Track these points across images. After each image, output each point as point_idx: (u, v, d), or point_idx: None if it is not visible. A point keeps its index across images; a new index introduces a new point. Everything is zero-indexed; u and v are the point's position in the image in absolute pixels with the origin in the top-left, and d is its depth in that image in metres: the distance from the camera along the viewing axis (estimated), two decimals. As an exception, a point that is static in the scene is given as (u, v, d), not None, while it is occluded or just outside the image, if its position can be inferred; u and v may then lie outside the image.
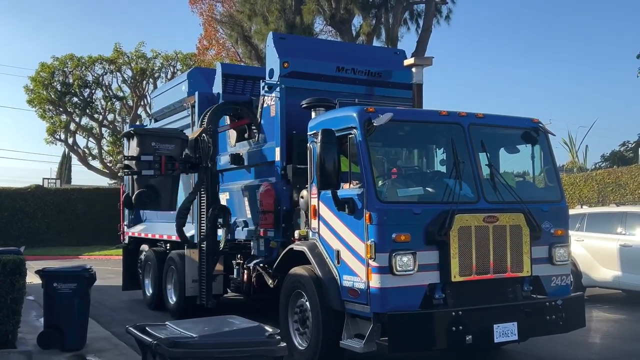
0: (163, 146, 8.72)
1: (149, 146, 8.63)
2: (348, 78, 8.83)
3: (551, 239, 7.07)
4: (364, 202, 6.38)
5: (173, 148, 8.78)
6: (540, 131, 7.47)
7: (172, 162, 8.68)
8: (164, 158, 8.61)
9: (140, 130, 8.99)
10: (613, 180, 20.23)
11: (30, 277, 8.46)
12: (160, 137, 8.80)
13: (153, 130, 9.14)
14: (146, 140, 8.67)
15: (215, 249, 9.26)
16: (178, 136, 9.01)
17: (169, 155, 8.71)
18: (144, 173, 8.58)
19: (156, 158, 8.57)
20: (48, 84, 32.27)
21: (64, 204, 29.80)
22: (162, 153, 8.64)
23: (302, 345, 7.19)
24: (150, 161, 8.54)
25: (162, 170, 8.53)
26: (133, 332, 4.47)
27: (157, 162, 8.53)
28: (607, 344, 8.89)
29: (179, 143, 8.90)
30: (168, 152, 8.69)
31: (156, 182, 8.60)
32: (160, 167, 8.51)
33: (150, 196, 8.50)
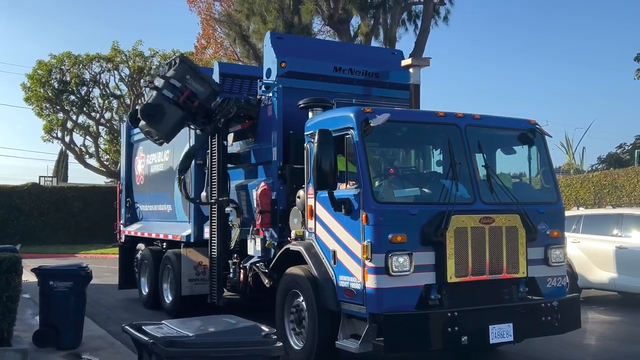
0: (195, 84, 8.92)
1: (184, 76, 8.87)
2: (345, 78, 8.83)
3: (547, 240, 7.08)
4: (360, 202, 6.38)
5: (202, 91, 8.97)
6: (537, 132, 7.48)
7: (194, 99, 8.87)
8: (189, 91, 8.83)
9: (185, 59, 9.21)
10: (609, 182, 20.27)
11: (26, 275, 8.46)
12: (197, 76, 9.00)
13: (195, 65, 9.35)
14: (184, 69, 8.93)
15: (226, 247, 9.24)
16: (212, 85, 9.19)
17: (194, 93, 8.91)
18: (164, 92, 8.82)
19: (182, 87, 8.82)
20: (45, 82, 32.18)
21: (61, 202, 29.75)
22: (190, 87, 8.88)
23: (298, 345, 7.20)
24: (176, 87, 8.80)
25: (181, 98, 8.76)
26: (129, 331, 4.47)
27: (181, 91, 8.78)
28: (603, 345, 8.91)
29: (209, 91, 9.06)
30: (196, 91, 8.90)
31: (169, 108, 8.80)
32: (181, 96, 8.76)
33: (157, 114, 8.71)
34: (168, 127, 9.16)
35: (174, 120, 9.09)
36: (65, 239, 28.99)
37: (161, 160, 12.10)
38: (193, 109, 9.05)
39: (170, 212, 11.66)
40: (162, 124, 9.07)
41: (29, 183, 30.81)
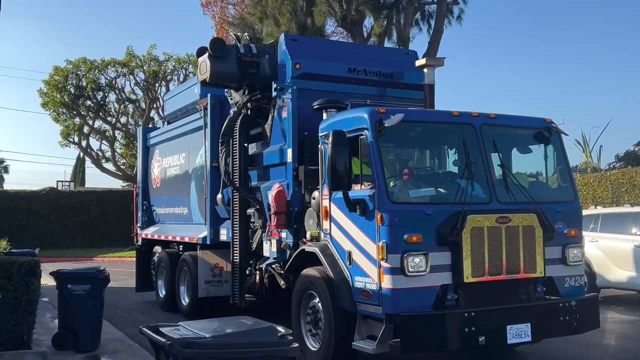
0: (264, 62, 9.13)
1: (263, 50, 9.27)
2: (360, 79, 8.82)
3: (564, 239, 7.02)
4: (375, 203, 6.37)
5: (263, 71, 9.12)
6: (553, 131, 7.42)
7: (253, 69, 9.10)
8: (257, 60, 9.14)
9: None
10: (627, 180, 20.08)
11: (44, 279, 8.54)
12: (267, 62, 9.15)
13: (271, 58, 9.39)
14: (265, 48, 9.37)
15: (248, 248, 9.27)
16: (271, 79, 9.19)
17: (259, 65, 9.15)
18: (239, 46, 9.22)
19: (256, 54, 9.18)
20: (62, 88, 32.49)
21: (78, 206, 30.03)
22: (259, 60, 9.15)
23: (314, 347, 7.20)
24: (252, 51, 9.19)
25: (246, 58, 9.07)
26: (146, 332, 4.49)
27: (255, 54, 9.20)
28: (622, 345, 8.82)
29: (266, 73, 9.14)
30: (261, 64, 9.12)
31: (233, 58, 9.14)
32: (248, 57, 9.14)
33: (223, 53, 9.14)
34: (225, 68, 9.26)
35: (233, 68, 9.20)
36: (83, 243, 29.27)
37: (177, 163, 12.18)
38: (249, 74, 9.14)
39: (186, 215, 11.73)
40: (224, 64, 9.20)
41: (47, 188, 31.13)
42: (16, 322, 7.52)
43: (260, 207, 9.04)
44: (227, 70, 9.21)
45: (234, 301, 9.36)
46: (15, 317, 7.50)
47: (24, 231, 27.76)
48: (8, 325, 7.46)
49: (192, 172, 11.45)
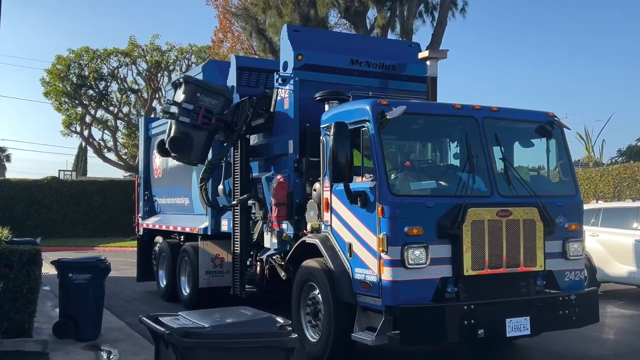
0: (207, 99, 8.83)
1: (194, 96, 8.78)
2: (362, 71, 8.80)
3: (565, 233, 7.02)
4: (376, 195, 6.37)
5: (216, 103, 8.90)
6: (555, 125, 7.40)
7: (210, 116, 8.80)
8: (203, 109, 8.74)
9: (190, 79, 9.10)
10: (629, 175, 20.06)
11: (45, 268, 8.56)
12: (206, 90, 8.91)
13: (201, 81, 9.25)
14: (192, 89, 8.83)
15: (249, 240, 9.29)
16: (224, 94, 9.13)
17: (209, 109, 8.83)
18: (180, 119, 8.74)
19: (196, 108, 8.71)
20: (64, 77, 32.51)
21: (80, 195, 30.07)
22: (203, 104, 8.79)
23: (313, 338, 7.22)
24: (190, 110, 8.70)
25: (198, 121, 8.66)
26: (146, 322, 4.50)
27: (196, 112, 8.68)
28: (621, 339, 8.83)
29: (222, 101, 9.01)
30: (210, 105, 8.82)
31: (193, 133, 8.73)
32: (197, 117, 8.65)
33: (184, 143, 8.65)
34: (199, 151, 9.17)
35: (201, 143, 9.08)
36: (84, 232, 29.34)
37: (178, 153, 12.17)
38: (212, 126, 9.04)
39: (187, 205, 11.74)
40: (193, 151, 9.07)
41: (49, 177, 31.16)
42: (17, 310, 7.56)
43: (262, 198, 9.05)
44: (199, 146, 9.11)
45: (235, 292, 9.39)
46: (16, 305, 7.55)
47: (26, 220, 27.82)
48: (9, 313, 7.50)
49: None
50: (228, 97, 9.24)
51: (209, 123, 8.87)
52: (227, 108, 9.18)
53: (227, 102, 9.17)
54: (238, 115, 9.07)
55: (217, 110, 8.95)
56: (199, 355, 4.01)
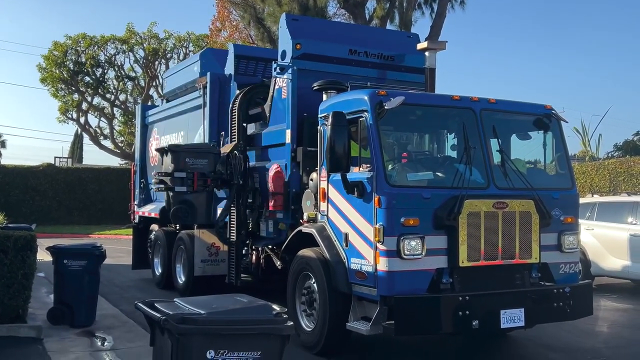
0: (196, 162, 8.78)
1: (183, 162, 8.73)
2: (360, 61, 8.79)
3: (561, 226, 7.04)
4: (373, 185, 6.37)
5: (206, 163, 8.85)
6: (552, 118, 7.40)
7: (205, 178, 8.78)
8: (197, 175, 8.70)
9: (175, 147, 9.01)
10: (625, 169, 20.11)
11: (40, 255, 8.56)
12: (194, 153, 8.86)
13: (186, 146, 9.22)
14: (180, 156, 8.77)
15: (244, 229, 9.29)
16: (211, 151, 9.07)
17: (202, 172, 8.79)
18: (176, 189, 8.70)
19: (189, 175, 8.67)
20: (61, 63, 32.37)
21: (75, 183, 30.00)
22: (195, 169, 8.72)
23: (309, 327, 7.23)
24: (183, 178, 8.66)
25: (195, 187, 8.67)
26: (142, 307, 4.49)
27: (190, 178, 8.65)
28: (614, 332, 8.89)
29: (211, 158, 8.96)
30: (201, 167, 8.76)
31: (192, 199, 8.73)
32: (193, 184, 8.65)
33: (187, 211, 8.67)
34: (203, 214, 9.19)
35: (204, 205, 9.10)
36: (80, 220, 29.28)
37: (175, 141, 12.13)
38: (210, 187, 9.03)
39: (183, 194, 11.70)
40: (197, 216, 9.08)
41: (45, 164, 31.07)
42: (11, 296, 7.56)
43: (257, 187, 9.05)
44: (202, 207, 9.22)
45: (230, 280, 9.40)
46: (10, 291, 7.54)
47: (21, 206, 27.76)
48: (3, 298, 7.50)
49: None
50: (215, 152, 9.15)
51: (205, 186, 8.85)
52: (217, 162, 9.09)
53: (216, 157, 9.10)
54: (232, 167, 9.03)
55: (210, 169, 8.90)
56: (194, 342, 4.00)
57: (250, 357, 4.08)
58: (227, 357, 4.03)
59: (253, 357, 4.08)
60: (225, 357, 4.03)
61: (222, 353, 4.02)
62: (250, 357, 4.08)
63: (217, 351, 4.01)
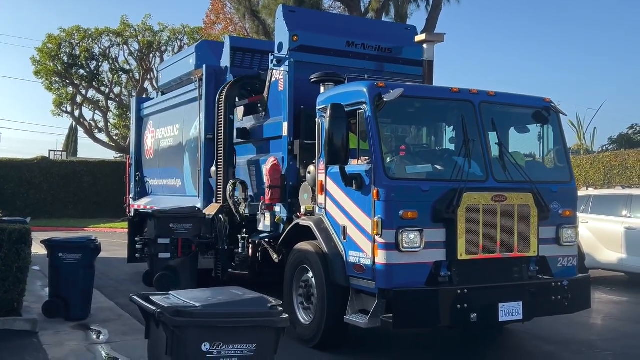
0: (181, 226, 8.56)
1: (167, 228, 8.49)
2: (358, 53, 8.73)
3: (559, 219, 7.02)
4: (371, 178, 6.33)
5: (190, 227, 8.63)
6: (551, 111, 7.37)
7: (189, 244, 8.54)
8: (181, 241, 8.48)
9: (158, 213, 8.77)
10: (620, 162, 20.15)
11: (35, 248, 8.50)
12: (178, 218, 8.63)
13: (170, 212, 8.95)
14: (164, 222, 8.54)
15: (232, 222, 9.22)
16: (195, 215, 8.89)
17: (186, 238, 8.56)
18: (160, 256, 8.44)
19: (173, 241, 8.44)
20: (55, 56, 32.15)
21: (70, 176, 29.87)
22: (179, 234, 8.49)
23: (306, 320, 7.20)
24: (167, 244, 8.44)
25: (179, 253, 8.43)
26: (137, 300, 4.47)
27: (174, 245, 8.42)
28: (608, 325, 8.92)
29: (196, 222, 8.77)
30: (185, 232, 8.53)
31: (177, 265, 8.41)
32: (177, 250, 8.42)
33: (171, 278, 8.31)
34: (188, 280, 8.87)
35: (188, 271, 8.82)
36: (75, 213, 29.17)
37: (171, 134, 12.10)
38: (195, 252, 8.83)
39: (179, 187, 11.67)
40: (182, 282, 8.74)
41: (39, 157, 30.91)
42: (6, 289, 7.51)
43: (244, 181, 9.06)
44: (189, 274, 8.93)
45: (216, 274, 9.32)
46: (5, 285, 7.49)
47: (16, 200, 27.63)
48: (-1, 292, 7.44)
49: (186, 144, 11.37)
50: (201, 216, 8.96)
51: (189, 252, 8.57)
52: (202, 225, 8.93)
53: (201, 220, 8.91)
54: (217, 231, 8.91)
55: (195, 234, 8.66)
56: (189, 334, 3.99)
57: (246, 350, 4.07)
58: (222, 350, 4.02)
59: (248, 349, 4.07)
60: (221, 349, 4.02)
61: (218, 345, 4.01)
62: (246, 349, 4.07)
63: (212, 344, 4.00)
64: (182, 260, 8.46)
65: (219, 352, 4.01)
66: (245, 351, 4.06)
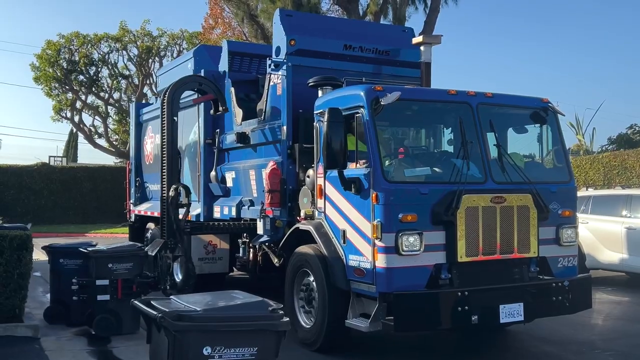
0: (121, 266, 7.98)
1: (105, 268, 7.91)
2: (355, 56, 8.74)
3: (559, 219, 7.02)
4: (370, 181, 6.34)
5: (132, 266, 8.06)
6: (549, 111, 7.38)
7: (130, 284, 8.00)
8: (121, 282, 7.91)
9: (94, 253, 8.04)
10: (619, 163, 20.14)
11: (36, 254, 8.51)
12: (117, 257, 8.01)
13: (109, 250, 8.19)
14: (102, 261, 7.94)
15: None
16: (136, 253, 8.31)
17: (126, 278, 7.98)
18: (99, 298, 7.85)
19: (112, 282, 7.88)
20: (54, 62, 32.12)
21: (70, 181, 29.83)
22: (119, 275, 7.92)
23: (307, 324, 7.21)
24: (106, 286, 7.87)
25: (119, 295, 7.85)
26: (138, 305, 4.48)
27: (114, 286, 7.86)
28: (609, 325, 8.91)
29: (137, 261, 8.21)
30: (125, 272, 7.96)
31: (117, 307, 7.79)
32: (117, 292, 7.86)
33: (111, 322, 7.74)
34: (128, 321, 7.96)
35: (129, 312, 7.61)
36: (75, 219, 29.12)
37: (170, 139, 12.06)
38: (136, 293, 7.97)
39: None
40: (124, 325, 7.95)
41: (39, 163, 30.90)
42: (8, 296, 7.53)
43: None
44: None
45: None
46: (7, 291, 7.52)
47: (16, 206, 27.60)
48: (0, 298, 7.45)
49: (185, 148, 11.37)
50: (143, 254, 8.58)
51: (131, 293, 7.95)
52: (145, 264, 8.57)
53: (143, 258, 8.49)
54: (159, 270, 8.71)
55: (136, 273, 8.17)
56: (191, 338, 4.01)
57: (247, 353, 4.08)
58: (223, 354, 4.04)
59: (249, 352, 4.09)
60: (222, 353, 4.04)
61: (219, 349, 4.04)
62: (247, 353, 4.08)
63: (213, 347, 4.03)
64: (122, 303, 7.72)
65: (220, 355, 4.03)
66: (247, 355, 4.08)
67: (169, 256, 8.97)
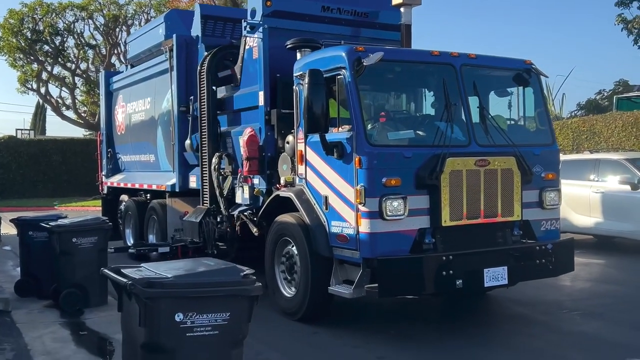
0: (85, 240, 7.61)
1: (70, 243, 7.51)
2: (334, 18, 8.48)
3: (542, 182, 6.96)
4: (353, 145, 6.16)
5: (96, 240, 7.71)
6: (532, 73, 7.26)
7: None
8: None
9: (57, 228, 7.57)
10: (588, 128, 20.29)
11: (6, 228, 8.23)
12: (81, 232, 7.62)
13: (72, 225, 7.69)
14: (64, 237, 7.52)
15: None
16: (100, 227, 7.90)
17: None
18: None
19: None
20: (17, 32, 31.18)
21: (39, 155, 29.19)
22: (84, 249, 7.53)
23: (289, 293, 7.09)
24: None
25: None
26: (108, 273, 4.37)
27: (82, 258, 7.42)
28: (577, 286, 9.01)
29: (102, 234, 7.81)
30: (90, 245, 7.60)
31: (81, 277, 7.47)
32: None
33: (77, 296, 7.41)
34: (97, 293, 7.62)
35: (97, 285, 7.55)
36: (45, 192, 28.58)
37: (142, 108, 11.76)
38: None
39: (153, 162, 11.39)
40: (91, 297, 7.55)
41: (6, 136, 30.21)
42: (-23, 271, 7.26)
43: (231, 152, 8.78)
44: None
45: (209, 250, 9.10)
46: (-25, 266, 7.24)
47: (-17, 181, 26.97)
48: (-32, 273, 7.20)
49: (158, 117, 11.07)
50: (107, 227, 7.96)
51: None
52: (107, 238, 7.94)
53: (107, 232, 7.91)
54: (204, 237, 8.63)
55: (102, 246, 7.74)
56: (162, 305, 3.93)
57: (219, 319, 4.02)
58: (195, 320, 3.96)
59: (222, 318, 4.02)
60: (194, 319, 3.97)
61: (191, 315, 3.96)
62: (219, 318, 4.02)
63: (185, 314, 3.94)
64: (89, 276, 7.48)
65: (192, 322, 3.96)
66: (219, 320, 4.01)
67: (213, 222, 8.84)
